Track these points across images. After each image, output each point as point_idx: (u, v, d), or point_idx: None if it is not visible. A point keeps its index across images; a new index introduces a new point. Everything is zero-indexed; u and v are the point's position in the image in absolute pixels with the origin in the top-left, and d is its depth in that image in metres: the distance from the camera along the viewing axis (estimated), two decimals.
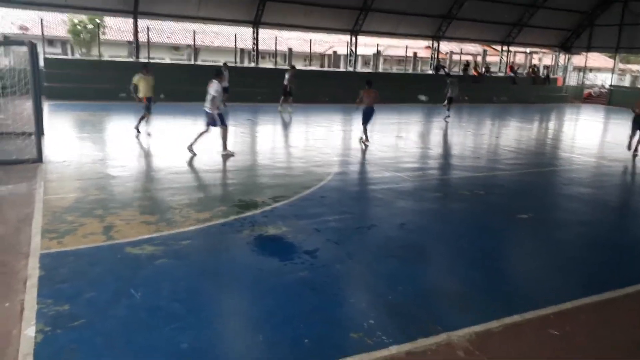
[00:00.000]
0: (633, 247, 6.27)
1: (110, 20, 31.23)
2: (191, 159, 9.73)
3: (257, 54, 25.14)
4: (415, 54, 33.71)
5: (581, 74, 35.31)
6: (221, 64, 21.00)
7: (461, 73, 29.95)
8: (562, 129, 20.06)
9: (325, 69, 34.56)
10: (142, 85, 12.26)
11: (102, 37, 28.20)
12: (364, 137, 12.34)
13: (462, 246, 6.04)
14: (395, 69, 40.88)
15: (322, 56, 39.62)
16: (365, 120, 12.24)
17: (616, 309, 4.55)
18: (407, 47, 31.06)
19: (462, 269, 5.35)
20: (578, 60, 35.05)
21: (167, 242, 5.39)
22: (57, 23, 32.62)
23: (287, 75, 18.61)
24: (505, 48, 32.32)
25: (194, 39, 25.82)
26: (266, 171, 9.43)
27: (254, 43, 24.72)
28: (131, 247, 5.21)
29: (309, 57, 33.63)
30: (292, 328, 3.86)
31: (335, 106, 20.93)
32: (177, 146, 10.89)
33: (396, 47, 35.21)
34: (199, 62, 27.51)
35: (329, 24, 25.92)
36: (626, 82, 38.40)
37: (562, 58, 34.72)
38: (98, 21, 27.90)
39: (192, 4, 22.11)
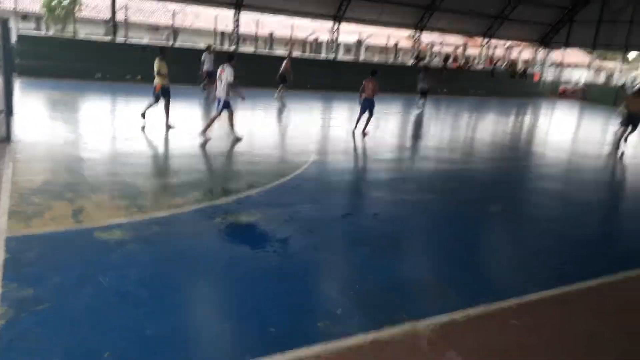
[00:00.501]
0: (596, 242, 6.47)
1: None
2: (171, 141, 9.62)
3: (238, 37, 24.81)
4: (396, 43, 33.73)
5: (558, 69, 35.88)
6: (202, 46, 20.69)
7: (441, 64, 30.11)
8: (537, 123, 20.41)
9: (307, 55, 34.28)
10: (164, 71, 10.95)
11: (78, 14, 27.39)
12: (355, 127, 12.25)
13: (433, 237, 6.15)
14: (377, 58, 40.84)
15: (304, 42, 39.27)
16: (366, 110, 12.19)
17: (577, 301, 4.71)
18: (389, 36, 31.03)
19: (432, 260, 5.46)
20: (556, 55, 35.57)
21: (137, 228, 5.34)
22: None
23: (284, 63, 18.54)
24: (485, 41, 32.58)
25: (173, 19, 25.28)
26: (242, 158, 9.38)
27: (235, 26, 24.36)
28: (100, 231, 5.15)
29: (291, 42, 33.33)
30: (259, 316, 3.89)
31: (316, 93, 20.85)
32: (152, 129, 10.72)
33: (378, 35, 35.16)
34: (178, 44, 26.97)
35: (312, 8, 25.71)
36: (601, 79, 39.18)
37: (541, 53, 35.20)
38: None
39: None
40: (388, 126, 15.50)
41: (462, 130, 16.19)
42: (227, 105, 10.00)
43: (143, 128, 10.62)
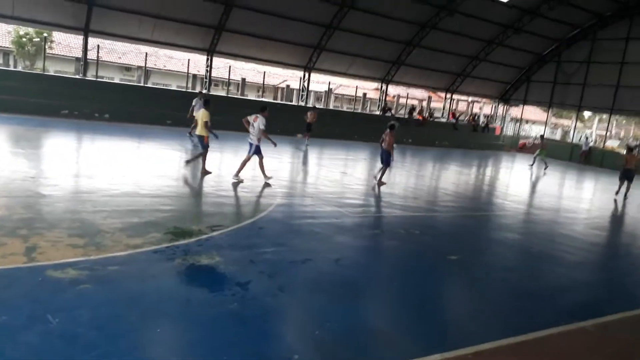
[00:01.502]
0: (547, 293, 6.66)
1: (59, 36, 30.34)
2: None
3: (210, 81, 25.17)
4: (365, 94, 34.90)
5: (517, 124, 37.68)
6: (172, 87, 20.87)
7: (407, 116, 31.23)
8: (497, 176, 21.19)
9: (278, 101, 34.97)
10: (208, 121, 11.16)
11: (48, 51, 27.32)
12: (377, 177, 12.95)
13: (392, 284, 6.22)
14: (345, 107, 41.99)
15: (275, 88, 40.11)
16: (383, 161, 12.96)
17: (528, 351, 4.81)
18: (357, 87, 32.13)
19: (390, 307, 5.51)
20: (516, 111, 37.44)
21: (92, 267, 5.22)
22: (1, 34, 31.36)
23: (309, 114, 21.12)
24: (448, 95, 34.11)
25: (146, 61, 25.53)
26: (207, 199, 9.36)
27: (207, 70, 24.76)
28: (53, 270, 5.00)
29: (262, 88, 34.00)
30: None
31: (285, 138, 21.13)
32: (115, 168, 10.62)
33: (347, 86, 36.32)
34: (149, 85, 27.15)
35: (283, 58, 26.46)
36: (557, 135, 41.28)
37: (501, 109, 36.99)
38: (45, 34, 27.04)
39: (146, 27, 21.97)
40: (355, 172, 15.79)
41: (426, 179, 16.64)
42: (257, 151, 10.85)
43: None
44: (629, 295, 7.01)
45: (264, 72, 30.11)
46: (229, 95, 28.64)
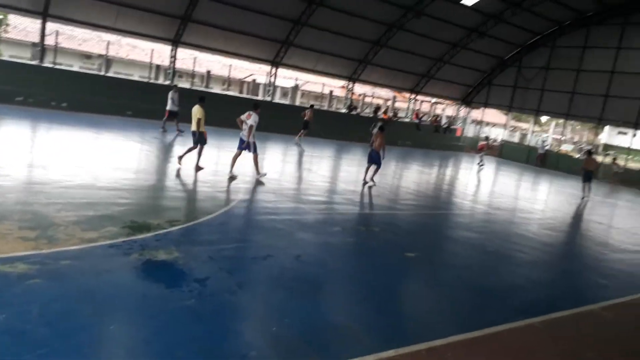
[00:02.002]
0: (500, 291, 6.90)
1: (15, 19, 29.01)
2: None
3: (174, 72, 24.65)
4: (331, 92, 35.02)
5: (478, 126, 38.70)
6: (134, 77, 20.36)
7: (372, 115, 31.54)
8: (457, 176, 21.70)
9: (244, 95, 34.60)
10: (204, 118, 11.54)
11: (3, 35, 26.10)
12: (368, 177, 13.35)
13: (352, 281, 6.29)
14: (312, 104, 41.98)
15: (241, 82, 39.68)
16: (369, 161, 13.47)
17: (480, 346, 4.97)
18: (324, 84, 32.18)
19: (348, 303, 5.57)
20: (477, 113, 38.43)
21: (44, 261, 5.04)
22: None
23: (307, 112, 21.72)
24: (413, 96, 34.65)
25: (107, 49, 24.76)
26: (167, 193, 9.19)
27: (171, 61, 24.23)
28: (1, 264, 4.80)
29: (228, 81, 33.60)
30: (170, 359, 3.77)
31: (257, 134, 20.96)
32: (71, 159, 10.28)
33: (314, 83, 36.34)
34: (110, 74, 26.32)
35: (250, 52, 26.18)
36: (516, 138, 42.64)
37: (463, 111, 37.89)
38: (0, 17, 25.81)
39: (109, 14, 21.26)
40: (320, 170, 15.84)
41: (388, 178, 16.85)
42: (249, 146, 11.12)
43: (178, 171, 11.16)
44: (576, 293, 7.34)
45: (230, 65, 29.74)
46: (194, 88, 28.13)
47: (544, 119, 45.74)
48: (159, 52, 27.03)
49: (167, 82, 24.42)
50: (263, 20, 24.33)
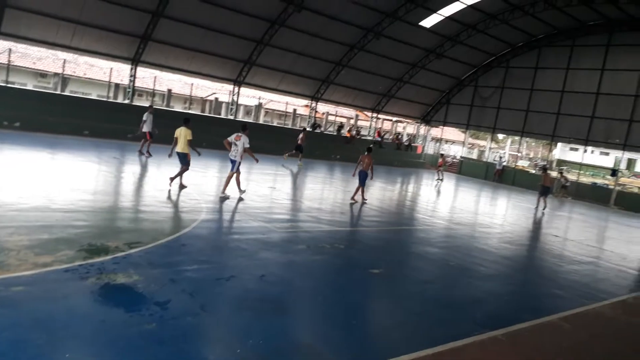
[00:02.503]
0: (463, 305, 7.01)
1: None
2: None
3: (134, 91, 24.23)
4: (295, 110, 35.26)
5: (438, 144, 39.72)
6: (92, 96, 19.89)
7: (335, 133, 31.88)
8: (419, 192, 22.09)
9: (207, 114, 34.29)
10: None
11: None
12: (355, 196, 14.11)
13: (317, 299, 6.26)
14: (276, 122, 42.09)
15: (203, 101, 39.38)
16: (361, 182, 14.11)
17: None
18: (287, 103, 32.36)
19: (313, 323, 5.53)
20: (436, 131, 39.44)
21: None
22: None
23: (300, 135, 22.59)
24: (374, 115, 35.29)
25: (64, 68, 24.15)
26: (126, 214, 8.93)
27: (130, 80, 23.83)
28: None
29: (190, 100, 33.31)
30: None
31: (212, 152, 20.74)
32: (25, 181, 9.87)
33: (277, 101, 36.47)
34: (66, 93, 25.61)
35: (212, 71, 26.09)
36: (474, 155, 43.92)
37: (423, 129, 38.82)
38: None
39: (65, 33, 20.78)
40: (285, 187, 15.79)
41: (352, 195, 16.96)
42: (237, 167, 11.61)
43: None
44: (535, 304, 7.54)
45: (192, 84, 29.52)
46: (154, 107, 27.70)
47: (500, 136, 47.41)
48: (118, 71, 26.60)
49: (127, 101, 23.99)
50: (225, 40, 24.37)
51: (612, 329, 6.49)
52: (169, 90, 30.55)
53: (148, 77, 26.79)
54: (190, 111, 30.80)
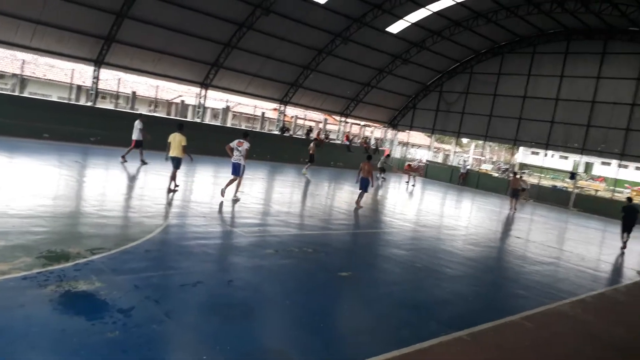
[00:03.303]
0: (429, 306, 7.13)
1: None
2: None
3: (97, 93, 23.60)
4: (263, 113, 35.07)
5: (404, 148, 40.30)
6: (53, 98, 19.27)
7: (304, 137, 31.91)
8: (386, 195, 22.33)
9: (172, 117, 33.73)
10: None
11: None
12: (360, 202, 14.80)
13: (285, 303, 6.23)
14: (244, 126, 41.78)
15: (169, 103, 38.72)
16: (362, 187, 14.70)
17: None
18: (255, 106, 32.17)
19: (281, 327, 5.50)
20: (403, 136, 40.00)
21: None
22: None
23: (312, 145, 23.39)
24: (343, 119, 35.52)
25: (22, 68, 23.31)
26: (88, 220, 8.68)
27: (93, 82, 23.21)
28: None
29: (155, 103, 32.72)
30: None
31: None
32: None
33: (245, 105, 36.22)
34: (25, 94, 24.72)
35: (178, 73, 25.71)
36: (440, 159, 44.75)
37: (390, 133, 39.31)
38: None
39: (25, 32, 20.07)
40: (253, 191, 15.67)
41: (322, 198, 17.02)
42: (242, 170, 12.40)
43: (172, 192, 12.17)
44: (499, 304, 7.74)
45: (157, 86, 29.00)
46: (118, 109, 27.06)
47: (465, 140, 48.48)
48: (80, 72, 25.87)
49: (89, 104, 23.35)
50: (192, 42, 24.07)
51: (572, 327, 6.71)
52: (134, 93, 29.89)
53: (112, 79, 26.17)
54: (155, 114, 30.21)
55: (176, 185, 12.49)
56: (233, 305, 5.75)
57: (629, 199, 16.89)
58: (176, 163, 12.33)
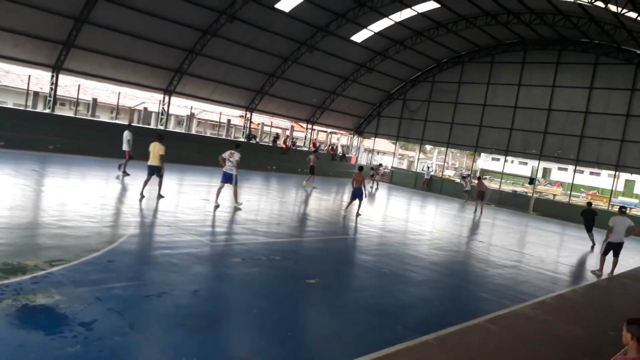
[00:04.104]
0: (396, 310, 7.21)
1: None
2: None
3: (55, 100, 22.87)
4: (229, 120, 34.82)
5: (370, 154, 40.79)
6: (8, 105, 18.57)
7: (271, 144, 31.83)
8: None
9: (135, 124, 33.04)
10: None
11: None
12: (353, 208, 15.69)
13: (252, 312, 6.17)
14: (209, 133, 41.31)
15: (131, 110, 37.93)
16: (358, 197, 15.39)
17: None
18: (221, 113, 31.90)
19: (249, 337, 5.45)
20: (368, 142, 40.48)
21: None
22: None
23: (311, 157, 23.71)
24: (309, 126, 35.65)
25: None
26: (46, 230, 8.38)
27: (51, 88, 22.49)
28: None
29: (117, 110, 31.99)
30: None
31: (141, 163, 19.97)
32: None
33: (211, 112, 35.85)
34: None
35: (141, 80, 25.22)
36: (404, 165, 45.47)
37: (356, 140, 39.71)
38: None
39: None
40: (219, 199, 15.47)
41: (289, 206, 16.99)
42: (235, 179, 13.03)
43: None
44: (463, 308, 7.90)
45: (119, 93, 28.39)
46: (78, 116, 26.29)
47: (428, 147, 49.43)
48: (37, 78, 25.06)
49: (47, 110, 22.60)
50: (155, 48, 23.70)
51: (534, 329, 6.91)
52: (95, 100, 29.17)
53: (71, 85, 25.46)
54: (117, 121, 29.51)
55: (160, 196, 12.77)
56: (199, 315, 5.66)
57: (589, 204, 18.53)
58: (150, 171, 12.59)
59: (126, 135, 16.53)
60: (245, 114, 31.38)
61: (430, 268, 10.28)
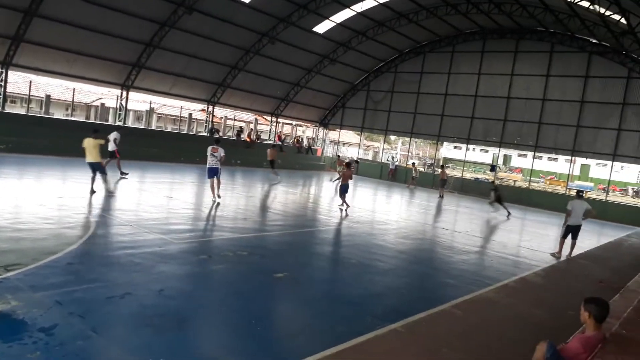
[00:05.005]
0: (364, 300, 7.26)
1: None
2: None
3: (5, 97, 21.84)
4: (190, 114, 34.16)
5: (336, 146, 40.89)
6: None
7: (235, 138, 31.44)
8: (320, 193, 22.55)
9: (92, 121, 31.95)
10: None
11: None
12: (344, 205, 15.84)
13: (220, 309, 6.10)
14: (170, 128, 40.45)
15: (87, 107, 36.67)
16: (342, 192, 15.94)
17: (348, 357, 5.13)
18: (182, 107, 31.24)
19: (217, 334, 5.37)
20: (334, 134, 40.55)
21: None
22: None
23: (268, 150, 24.38)
24: (274, 119, 35.39)
25: None
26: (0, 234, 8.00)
27: (0, 85, 21.45)
28: None
29: (72, 106, 30.87)
30: None
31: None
32: None
33: (171, 106, 35.08)
34: None
35: (96, 75, 24.35)
36: (370, 156, 45.84)
37: (321, 132, 39.71)
38: None
39: None
40: (182, 196, 15.20)
41: (255, 200, 16.84)
42: (219, 173, 13.95)
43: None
44: (430, 294, 8.04)
45: (74, 89, 27.38)
46: (30, 114, 25.22)
47: (392, 137, 49.97)
48: None
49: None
50: (111, 42, 22.92)
51: (498, 312, 7.10)
52: (48, 96, 28.02)
53: (22, 82, 24.38)
54: (73, 118, 28.51)
55: (109, 192, 12.83)
56: (165, 315, 5.53)
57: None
58: (92, 168, 12.31)
59: (113, 135, 16.32)
60: (207, 108, 30.85)
61: (397, 257, 10.41)
